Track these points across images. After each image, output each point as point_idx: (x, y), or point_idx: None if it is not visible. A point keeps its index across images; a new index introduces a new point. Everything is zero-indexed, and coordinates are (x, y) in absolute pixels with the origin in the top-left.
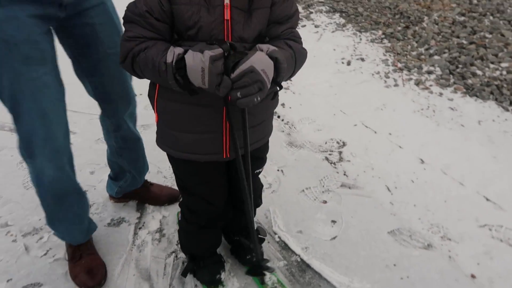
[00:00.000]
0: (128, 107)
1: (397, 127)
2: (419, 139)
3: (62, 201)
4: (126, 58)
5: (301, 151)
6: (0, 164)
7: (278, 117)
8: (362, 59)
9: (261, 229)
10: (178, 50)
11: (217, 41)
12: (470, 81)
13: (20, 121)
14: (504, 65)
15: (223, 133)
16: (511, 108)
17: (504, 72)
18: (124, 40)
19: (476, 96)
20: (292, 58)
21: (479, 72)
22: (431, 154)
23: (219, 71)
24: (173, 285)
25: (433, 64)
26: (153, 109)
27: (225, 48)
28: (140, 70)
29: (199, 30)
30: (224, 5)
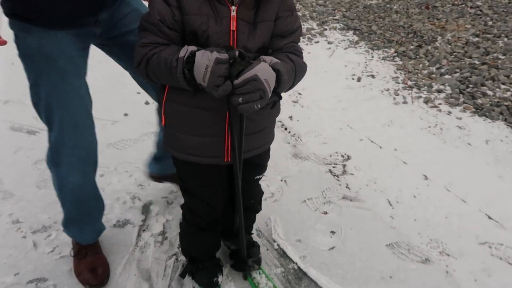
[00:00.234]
0: None
1: (403, 143)
2: (424, 156)
3: (82, 206)
4: (141, 63)
5: (305, 163)
6: (16, 164)
7: (285, 129)
8: (373, 76)
9: (256, 248)
10: (192, 48)
11: (227, 47)
12: (480, 101)
13: (53, 131)
14: None
15: (225, 138)
16: None
17: None
18: (139, 46)
19: (485, 116)
20: (293, 71)
21: (490, 93)
22: (435, 171)
23: (221, 74)
24: (172, 286)
25: (444, 83)
26: (161, 112)
27: (231, 55)
28: (153, 72)
29: (207, 39)
30: (231, 17)
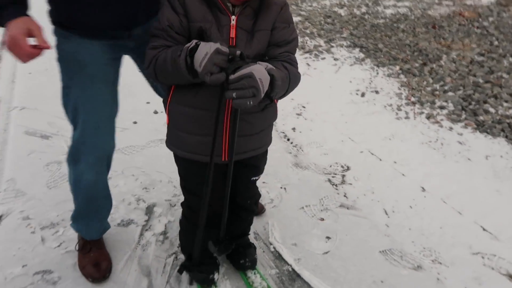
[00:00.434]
0: None
1: (403, 157)
2: (423, 169)
3: (92, 203)
4: (150, 64)
5: (305, 172)
6: (29, 166)
7: (288, 140)
8: (377, 92)
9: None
10: (198, 41)
11: (231, 46)
12: (482, 118)
13: (76, 130)
14: None
15: (223, 137)
16: None
17: None
18: (149, 49)
19: (487, 133)
20: (287, 79)
21: (492, 110)
22: (433, 184)
23: (218, 63)
24: (170, 282)
25: (446, 100)
26: (166, 112)
27: (232, 51)
28: (160, 68)
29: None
30: (231, 25)
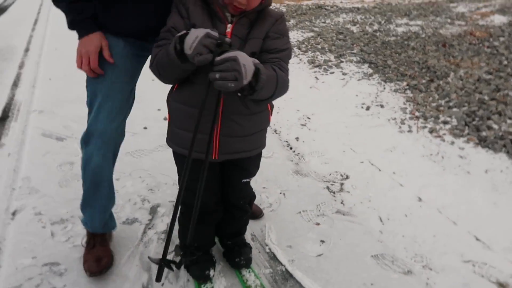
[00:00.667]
0: None
1: (402, 168)
2: (422, 180)
3: (97, 188)
4: (154, 60)
5: (305, 179)
6: (44, 165)
7: (290, 149)
8: (382, 106)
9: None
10: (189, 30)
11: (221, 33)
12: (484, 134)
13: (91, 113)
14: None
15: (214, 135)
16: None
17: None
18: (154, 47)
19: (488, 148)
20: (274, 79)
21: (495, 126)
22: (430, 194)
23: (207, 45)
24: (169, 278)
25: (451, 115)
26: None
27: (222, 37)
28: (160, 65)
29: None
30: (226, 33)
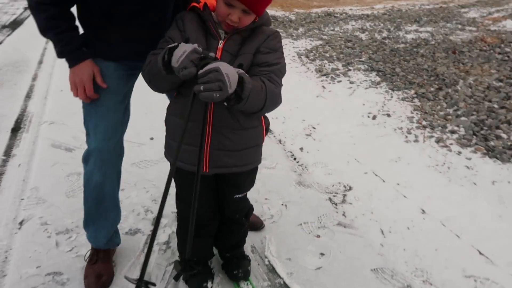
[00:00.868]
0: None
1: (407, 179)
2: (426, 192)
3: (100, 205)
4: (146, 67)
5: (307, 190)
6: (52, 176)
7: (294, 159)
8: (388, 115)
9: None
10: (179, 43)
11: (205, 49)
12: (493, 143)
13: (88, 134)
14: None
15: (205, 148)
16: None
17: None
18: (150, 55)
19: (496, 158)
20: (262, 90)
21: (504, 136)
22: (434, 206)
23: (193, 59)
24: None
25: (458, 125)
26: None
27: (206, 53)
28: (151, 72)
29: None
30: (217, 48)
